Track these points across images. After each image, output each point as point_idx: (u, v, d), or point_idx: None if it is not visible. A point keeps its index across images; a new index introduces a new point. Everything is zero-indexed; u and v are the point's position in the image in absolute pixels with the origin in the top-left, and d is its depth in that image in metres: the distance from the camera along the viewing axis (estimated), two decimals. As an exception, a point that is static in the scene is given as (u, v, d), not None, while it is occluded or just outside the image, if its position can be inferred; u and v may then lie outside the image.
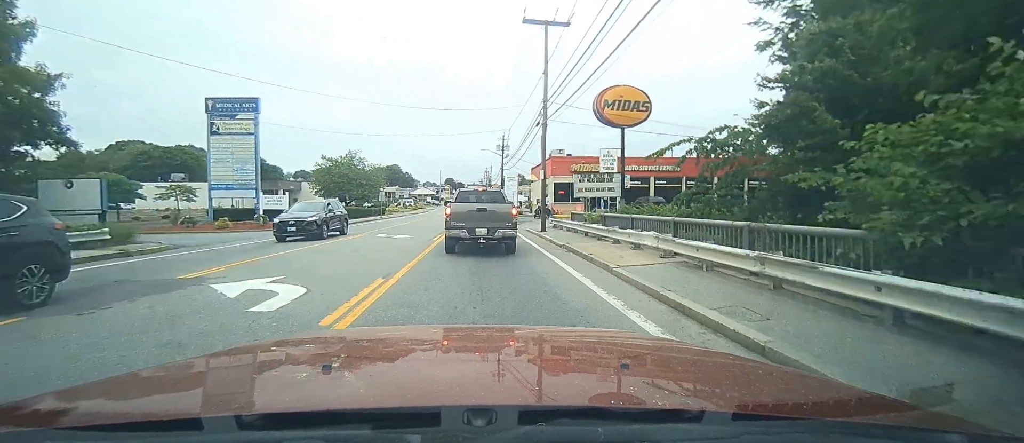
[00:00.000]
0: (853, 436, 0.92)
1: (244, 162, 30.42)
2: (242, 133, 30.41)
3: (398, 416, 0.92)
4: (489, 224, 10.89)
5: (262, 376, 1.42)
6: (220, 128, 30.49)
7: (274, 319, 5.43)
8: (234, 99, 30.68)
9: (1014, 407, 3.04)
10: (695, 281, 7.43)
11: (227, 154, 30.45)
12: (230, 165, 30.47)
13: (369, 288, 7.24)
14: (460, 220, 10.98)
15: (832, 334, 4.48)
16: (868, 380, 3.32)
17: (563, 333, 2.94)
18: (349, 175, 50.30)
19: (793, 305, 5.66)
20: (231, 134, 30.43)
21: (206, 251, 13.97)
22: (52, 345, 4.52)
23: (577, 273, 9.20)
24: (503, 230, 10.97)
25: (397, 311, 5.89)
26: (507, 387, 1.23)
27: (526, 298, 6.70)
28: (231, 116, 30.45)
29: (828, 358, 3.85)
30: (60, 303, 6.28)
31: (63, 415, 0.99)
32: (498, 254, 11.21)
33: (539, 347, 1.86)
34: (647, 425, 0.90)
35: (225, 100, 30.58)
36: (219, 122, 30.46)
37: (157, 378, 1.49)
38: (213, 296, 6.81)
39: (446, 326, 4.54)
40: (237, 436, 0.84)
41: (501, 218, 11.07)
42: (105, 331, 4.92)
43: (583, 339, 2.25)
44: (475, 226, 10.86)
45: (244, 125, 30.43)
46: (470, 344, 1.92)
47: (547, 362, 1.62)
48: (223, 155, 30.50)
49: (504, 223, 11.03)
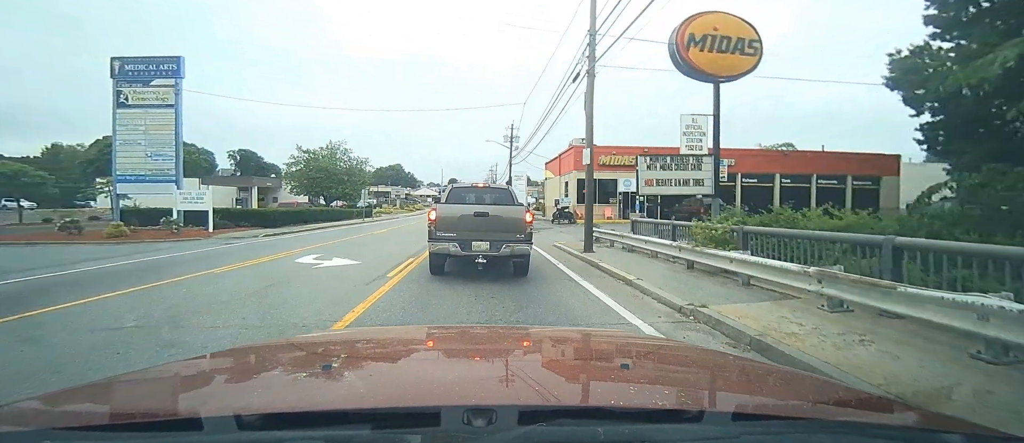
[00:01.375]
0: (853, 436, 0.92)
1: (161, 145, 22.22)
2: (159, 105, 22.20)
3: (398, 416, 0.91)
4: (493, 235, 7.56)
5: (262, 376, 1.40)
6: (130, 98, 22.30)
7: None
8: (149, 59, 22.51)
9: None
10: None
11: (139, 134, 22.27)
12: (143, 149, 22.30)
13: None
14: (449, 228, 7.63)
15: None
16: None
17: (563, 333, 2.87)
18: (330, 170, 42.08)
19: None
20: (144, 106, 22.25)
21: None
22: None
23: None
24: (512, 244, 7.58)
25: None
26: (507, 387, 1.20)
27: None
28: (144, 82, 22.27)
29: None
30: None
31: (63, 415, 1.00)
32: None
33: (539, 347, 1.85)
34: (647, 425, 0.89)
35: (137, 60, 22.42)
36: (128, 90, 22.28)
37: (157, 378, 1.46)
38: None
39: (446, 326, 4.45)
40: (237, 436, 0.83)
41: (509, 227, 7.66)
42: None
43: (583, 339, 2.24)
44: (472, 238, 7.56)
45: (162, 94, 22.22)
46: (470, 344, 1.90)
47: (547, 362, 1.61)
48: (133, 135, 22.31)
49: (513, 234, 7.64)
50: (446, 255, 7.78)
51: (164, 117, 22.16)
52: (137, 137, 22.26)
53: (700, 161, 13.15)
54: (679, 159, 13.01)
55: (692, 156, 13.09)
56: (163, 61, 22.36)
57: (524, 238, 7.72)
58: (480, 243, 7.57)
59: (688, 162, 13.07)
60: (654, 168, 12.90)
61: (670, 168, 12.97)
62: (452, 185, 9.87)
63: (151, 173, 22.22)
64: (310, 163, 42.70)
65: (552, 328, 4.19)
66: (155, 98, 22.21)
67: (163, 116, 22.16)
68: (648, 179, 12.82)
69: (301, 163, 42.93)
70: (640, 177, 12.76)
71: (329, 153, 43.74)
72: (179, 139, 22.37)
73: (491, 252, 7.57)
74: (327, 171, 41.80)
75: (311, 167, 42.36)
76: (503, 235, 7.63)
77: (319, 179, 41.83)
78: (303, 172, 42.41)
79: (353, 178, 42.66)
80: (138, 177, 22.31)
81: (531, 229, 7.90)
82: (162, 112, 22.16)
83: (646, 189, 12.86)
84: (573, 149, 33.66)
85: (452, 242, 7.62)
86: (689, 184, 13.08)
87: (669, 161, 13.01)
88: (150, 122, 22.18)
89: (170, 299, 6.58)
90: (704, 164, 13.17)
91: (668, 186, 12.95)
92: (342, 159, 44.23)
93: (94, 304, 6.18)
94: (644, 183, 12.75)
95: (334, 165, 42.84)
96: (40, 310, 5.79)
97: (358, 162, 45.06)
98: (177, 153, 22.26)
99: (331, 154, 43.71)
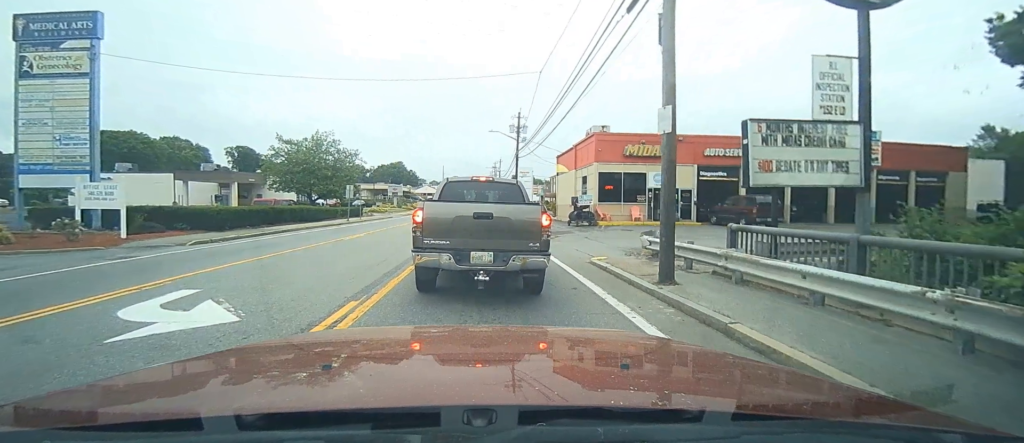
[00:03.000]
0: (853, 436, 0.92)
1: (72, 126, 17.28)
2: (69, 74, 17.24)
3: (398, 416, 0.90)
4: (498, 243, 5.94)
5: (262, 376, 1.35)
6: (35, 66, 17.38)
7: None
8: (59, 16, 17.53)
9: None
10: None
11: (45, 112, 17.35)
12: (49, 131, 17.36)
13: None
14: (441, 234, 6.00)
15: None
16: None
17: (563, 333, 2.80)
18: (312, 164, 37.12)
19: None
20: (51, 76, 17.32)
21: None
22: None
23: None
24: (524, 256, 5.90)
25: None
26: (507, 387, 1.19)
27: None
28: (53, 45, 17.34)
29: None
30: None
31: (63, 415, 0.98)
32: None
33: (539, 347, 1.81)
34: (647, 425, 0.88)
35: (45, 18, 17.49)
36: (33, 56, 17.36)
37: (157, 378, 1.46)
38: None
39: (446, 326, 4.41)
40: (237, 436, 0.82)
41: (520, 232, 6.00)
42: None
43: (583, 339, 2.19)
44: (471, 247, 5.94)
45: (74, 61, 17.25)
46: (470, 344, 1.86)
47: (547, 362, 1.60)
48: (39, 114, 17.39)
49: (525, 242, 5.98)
50: (435, 270, 6.26)
51: (76, 89, 17.21)
52: (43, 116, 17.33)
53: (843, 133, 8.01)
54: (811, 127, 7.85)
55: (831, 123, 7.96)
56: (75, 18, 17.39)
57: (539, 247, 6.08)
58: (481, 254, 5.98)
59: (825, 134, 7.93)
60: (772, 142, 7.72)
61: (798, 142, 7.83)
62: (447, 180, 7.59)
63: (59, 162, 17.28)
64: (292, 156, 37.78)
65: (552, 328, 3.98)
66: (65, 65, 17.25)
67: (75, 88, 17.21)
68: (764, 161, 7.64)
69: (281, 156, 38.02)
70: (750, 159, 7.60)
71: (314, 145, 38.78)
72: (95, 118, 17.41)
73: (496, 267, 5.97)
74: (309, 165, 36.80)
75: (292, 161, 37.44)
76: (511, 243, 6.01)
77: (300, 174, 36.88)
78: (285, 166, 37.48)
79: (339, 174, 37.62)
80: (44, 167, 17.38)
81: (548, 235, 6.23)
82: (73, 84, 17.20)
83: (761, 178, 7.72)
84: (594, 137, 28.44)
85: (445, 252, 6.00)
86: (826, 169, 7.93)
87: (796, 130, 7.86)
88: (58, 96, 17.23)
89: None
90: (848, 137, 8.04)
91: (794, 172, 7.80)
92: (329, 152, 39.27)
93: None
94: (758, 168, 7.61)
95: (319, 158, 37.86)
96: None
97: (346, 155, 39.98)
98: (92, 136, 17.34)
99: (316, 146, 38.74)
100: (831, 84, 8.24)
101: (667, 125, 6.75)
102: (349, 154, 40.08)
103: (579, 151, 32.01)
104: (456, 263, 5.92)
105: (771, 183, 8.12)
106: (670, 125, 6.74)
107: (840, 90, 8.27)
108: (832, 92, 8.23)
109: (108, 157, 55.66)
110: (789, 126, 7.88)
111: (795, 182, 8.26)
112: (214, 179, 51.04)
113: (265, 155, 40.22)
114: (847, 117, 8.22)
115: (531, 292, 6.54)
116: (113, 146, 59.51)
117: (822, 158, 8.03)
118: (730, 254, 6.93)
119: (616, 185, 27.96)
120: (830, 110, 8.20)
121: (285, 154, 38.07)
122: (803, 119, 8.02)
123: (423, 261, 6.05)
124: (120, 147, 60.04)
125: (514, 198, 6.89)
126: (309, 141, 38.80)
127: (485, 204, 6.40)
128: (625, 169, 27.75)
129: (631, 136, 27.94)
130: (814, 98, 8.12)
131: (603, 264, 9.64)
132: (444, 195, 6.83)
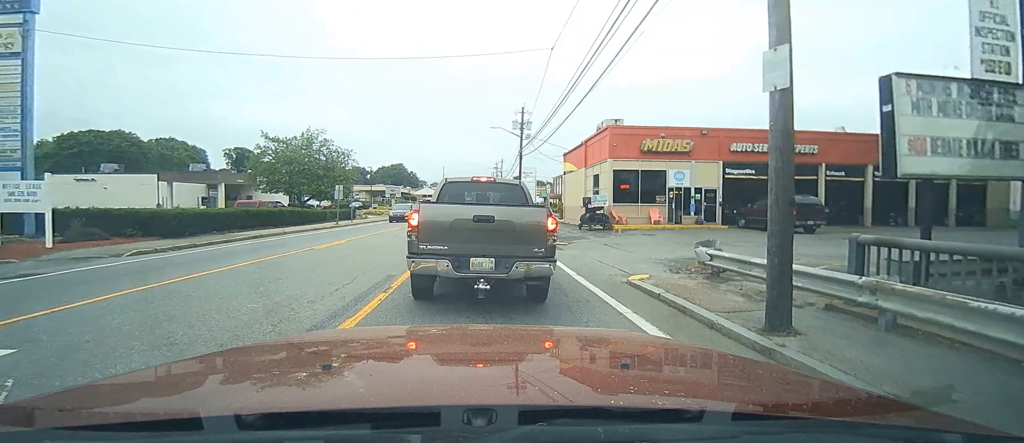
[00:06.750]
0: (853, 436, 0.90)
1: (0, 114, 14.72)
2: None
3: (398, 416, 0.89)
4: (500, 249, 5.61)
5: (262, 376, 1.34)
6: (-41, 45, 14.83)
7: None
8: (-13, -14, 14.99)
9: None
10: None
11: (-30, 98, 14.78)
12: (-25, 121, 14.79)
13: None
14: (439, 238, 5.69)
15: None
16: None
17: (563, 333, 2.69)
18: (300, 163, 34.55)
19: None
20: (-23, 56, 14.76)
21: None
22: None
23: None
24: (528, 262, 5.56)
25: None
26: (507, 387, 1.18)
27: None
28: (-20, 20, 14.78)
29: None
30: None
31: (63, 415, 0.97)
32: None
33: (539, 346, 1.79)
34: (647, 425, 0.87)
35: (-28, -11, 14.93)
36: (-43, 33, 14.80)
37: (157, 378, 1.45)
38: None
39: (446, 326, 4.34)
40: (237, 436, 0.81)
41: (524, 237, 5.65)
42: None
43: (583, 339, 2.15)
44: (471, 253, 5.61)
45: (5, 40, 14.69)
46: (470, 344, 1.84)
47: (547, 362, 1.58)
48: (-36, 101, 14.83)
49: (529, 247, 5.64)
50: (432, 278, 6.01)
51: (6, 72, 14.64)
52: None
53: (1013, 96, 5.35)
54: (975, 87, 5.19)
55: (998, 85, 5.29)
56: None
57: (544, 253, 5.67)
58: (482, 260, 5.61)
59: (991, 96, 5.27)
60: (924, 110, 5.01)
61: (959, 112, 5.15)
62: (446, 182, 6.90)
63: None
64: (281, 154, 35.25)
65: (552, 328, 3.94)
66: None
67: (4, 71, 14.64)
68: (915, 137, 4.97)
69: (269, 154, 35.49)
70: (896, 134, 4.91)
71: (305, 143, 36.23)
72: (29, 104, 14.81)
73: (497, 274, 5.58)
74: (297, 164, 34.23)
75: (281, 159, 34.91)
76: (514, 249, 5.63)
77: (289, 174, 34.32)
78: (271, 165, 34.94)
79: (330, 174, 35.03)
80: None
81: (554, 240, 5.77)
82: (3, 65, 14.63)
83: (911, 164, 4.97)
84: (608, 130, 25.73)
85: (442, 259, 5.62)
86: (994, 153, 5.27)
87: (954, 93, 5.18)
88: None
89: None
90: (1017, 107, 5.38)
91: (954, 157, 5.14)
92: (321, 151, 36.73)
93: None
94: (907, 149, 4.93)
95: (309, 157, 35.30)
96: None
97: (339, 155, 37.40)
98: (25, 127, 14.73)
99: (307, 144, 36.19)
100: (992, 28, 5.58)
101: (781, 77, 4.09)
102: (343, 153, 37.49)
103: (590, 147, 29.31)
104: (455, 270, 5.61)
105: (924, 172, 5.38)
106: (786, 77, 4.08)
107: (1004, 39, 5.61)
108: (995, 39, 5.57)
109: (93, 157, 53.74)
110: (948, 87, 5.20)
111: (955, 172, 5.56)
112: (201, 180, 48.53)
113: (253, 151, 37.72)
114: (1011, 79, 5.58)
115: (536, 301, 6.22)
116: (99, 145, 57.46)
117: (988, 136, 5.35)
118: (882, 285, 4.27)
119: (632, 184, 25.26)
120: (993, 67, 5.55)
121: (273, 152, 35.59)
122: (963, 76, 5.35)
123: (419, 269, 5.78)
124: (106, 146, 57.89)
125: (517, 200, 6.56)
126: (299, 139, 36.30)
127: (486, 206, 6.08)
128: (642, 166, 25.05)
129: (649, 129, 25.25)
130: (973, 48, 5.45)
131: (648, 287, 7.00)
132: (442, 197, 6.47)
